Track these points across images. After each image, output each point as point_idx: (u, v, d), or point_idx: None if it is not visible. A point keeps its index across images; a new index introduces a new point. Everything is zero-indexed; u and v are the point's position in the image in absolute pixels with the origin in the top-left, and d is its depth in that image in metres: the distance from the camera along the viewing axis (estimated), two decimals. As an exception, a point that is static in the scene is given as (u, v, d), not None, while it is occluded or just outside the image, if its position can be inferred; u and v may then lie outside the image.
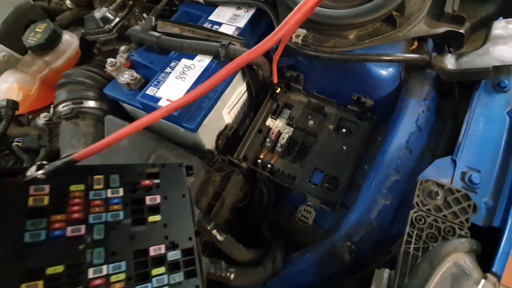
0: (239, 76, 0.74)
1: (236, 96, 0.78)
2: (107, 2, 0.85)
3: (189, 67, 0.69)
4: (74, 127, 0.70)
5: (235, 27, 0.76)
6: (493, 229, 0.46)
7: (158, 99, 0.64)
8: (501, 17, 0.69)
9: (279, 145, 0.78)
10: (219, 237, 0.59)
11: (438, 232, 0.47)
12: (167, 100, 0.64)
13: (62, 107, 0.72)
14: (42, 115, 0.74)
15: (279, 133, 0.79)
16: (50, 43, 0.77)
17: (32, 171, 0.36)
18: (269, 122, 0.81)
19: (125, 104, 0.73)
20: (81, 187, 0.39)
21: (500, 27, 0.65)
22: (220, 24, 0.78)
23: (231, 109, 0.78)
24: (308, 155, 0.74)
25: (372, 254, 0.60)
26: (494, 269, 0.42)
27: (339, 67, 0.68)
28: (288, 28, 0.42)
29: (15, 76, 0.78)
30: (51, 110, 0.75)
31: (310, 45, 0.64)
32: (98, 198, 0.39)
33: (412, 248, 0.47)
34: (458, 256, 0.44)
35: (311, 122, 0.80)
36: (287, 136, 0.79)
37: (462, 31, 0.64)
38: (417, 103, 0.64)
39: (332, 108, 0.77)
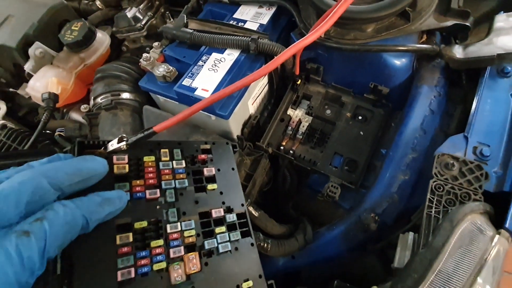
0: (263, 69, 0.80)
1: (259, 87, 0.84)
2: (136, 2, 0.91)
3: (220, 60, 0.75)
4: (114, 117, 0.76)
5: (259, 24, 0.83)
6: (504, 193, 0.53)
7: (194, 89, 0.70)
8: (502, 11, 0.76)
9: (300, 132, 0.84)
10: (254, 213, 0.65)
11: (456, 198, 0.53)
12: (203, 89, 0.70)
13: (101, 99, 0.78)
14: (82, 106, 0.80)
15: (300, 122, 0.85)
16: (86, 40, 0.83)
17: (113, 143, 0.42)
18: (290, 111, 0.87)
19: (158, 96, 0.79)
20: (152, 158, 0.44)
21: (502, 20, 0.72)
22: (244, 21, 0.84)
23: (255, 100, 0.85)
24: (328, 141, 0.80)
25: (393, 227, 0.66)
26: (506, 225, 0.49)
27: (357, 58, 0.75)
28: (328, 27, 0.48)
29: (53, 72, 0.83)
30: (91, 102, 0.80)
31: (332, 38, 0.71)
32: (166, 168, 0.45)
33: (433, 212, 0.53)
34: (474, 216, 0.50)
35: (328, 112, 0.86)
36: (307, 124, 0.85)
37: (468, 24, 0.71)
38: (429, 89, 0.71)
39: (349, 97, 0.83)
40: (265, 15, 0.84)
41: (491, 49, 0.67)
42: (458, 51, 0.69)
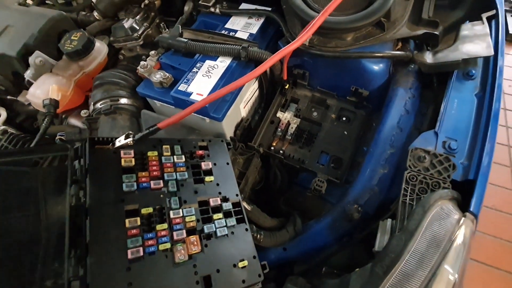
0: (254, 74, 0.86)
1: (250, 92, 0.90)
2: (132, 14, 0.97)
3: (213, 67, 0.80)
4: (113, 121, 0.80)
5: (249, 33, 0.89)
6: (469, 181, 0.60)
7: (190, 94, 0.75)
8: (468, 21, 0.85)
9: (289, 133, 0.90)
10: (247, 207, 0.69)
11: (427, 186, 0.60)
12: (197, 94, 0.75)
13: (101, 104, 0.82)
14: (82, 111, 0.84)
15: (288, 124, 0.91)
16: (86, 50, 0.87)
17: (120, 140, 0.47)
18: (279, 114, 0.93)
19: (155, 101, 0.84)
20: (155, 153, 0.49)
21: (467, 28, 0.81)
22: (235, 31, 0.90)
23: (246, 104, 0.90)
24: (315, 141, 0.87)
25: (375, 217, 0.72)
26: (471, 209, 0.55)
27: (339, 64, 0.82)
28: (309, 35, 0.55)
29: (53, 79, 0.87)
30: (90, 107, 0.84)
31: (316, 46, 0.77)
32: (168, 162, 0.50)
33: (408, 199, 0.59)
34: (443, 202, 0.57)
35: (315, 114, 0.92)
36: (295, 126, 0.91)
37: (437, 32, 0.79)
38: (404, 91, 0.78)
39: (333, 100, 0.90)
40: (255, 25, 0.91)
41: (457, 55, 0.75)
42: (428, 57, 0.77)
